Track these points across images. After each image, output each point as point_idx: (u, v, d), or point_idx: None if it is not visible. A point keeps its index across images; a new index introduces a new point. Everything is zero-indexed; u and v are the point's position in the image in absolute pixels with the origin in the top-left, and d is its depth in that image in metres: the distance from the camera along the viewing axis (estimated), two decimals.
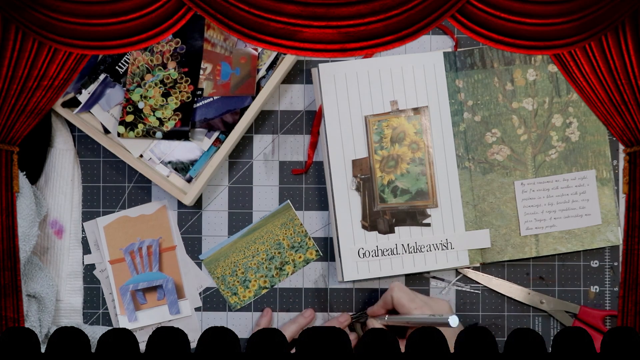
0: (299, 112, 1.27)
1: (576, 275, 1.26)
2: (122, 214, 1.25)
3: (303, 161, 1.27)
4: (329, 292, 1.26)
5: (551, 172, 1.24)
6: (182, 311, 1.26)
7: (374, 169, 1.24)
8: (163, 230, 1.26)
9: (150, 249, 1.25)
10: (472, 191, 1.24)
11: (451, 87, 1.24)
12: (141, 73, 1.22)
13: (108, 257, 1.26)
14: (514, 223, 1.24)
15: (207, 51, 1.23)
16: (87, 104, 1.23)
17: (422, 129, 1.24)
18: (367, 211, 1.23)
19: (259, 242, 1.26)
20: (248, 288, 1.26)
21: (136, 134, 1.22)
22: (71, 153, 1.25)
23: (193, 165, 1.24)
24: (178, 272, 1.26)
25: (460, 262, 1.24)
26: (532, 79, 1.24)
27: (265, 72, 1.23)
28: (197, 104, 1.22)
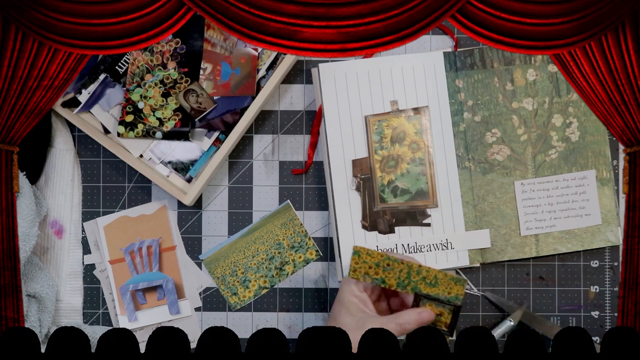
0: (299, 112, 1.27)
1: (576, 275, 1.26)
2: (122, 214, 1.26)
3: (303, 161, 1.27)
4: (329, 292, 1.26)
5: (551, 172, 1.24)
6: (182, 311, 1.26)
7: (374, 169, 1.24)
8: (163, 230, 1.26)
9: (150, 249, 1.25)
10: (472, 191, 1.24)
11: (451, 87, 1.24)
12: (141, 73, 1.22)
13: (108, 257, 1.26)
14: (514, 223, 1.24)
15: (207, 51, 1.23)
16: (87, 104, 1.23)
17: (422, 129, 1.24)
18: (367, 211, 1.23)
19: (259, 242, 1.26)
20: (248, 288, 1.26)
21: (136, 134, 1.22)
22: (71, 153, 1.25)
23: (193, 165, 1.24)
24: (178, 272, 1.26)
25: (460, 262, 1.24)
26: (532, 79, 1.24)
27: (265, 72, 1.23)
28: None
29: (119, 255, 1.26)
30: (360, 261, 1.11)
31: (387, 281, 1.11)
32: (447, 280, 1.10)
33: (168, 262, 1.26)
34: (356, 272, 1.11)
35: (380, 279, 1.11)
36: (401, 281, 1.11)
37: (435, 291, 1.10)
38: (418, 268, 1.10)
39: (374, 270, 1.11)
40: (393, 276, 1.11)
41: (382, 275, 1.11)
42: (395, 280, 1.11)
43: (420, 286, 1.10)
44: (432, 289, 1.10)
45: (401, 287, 1.11)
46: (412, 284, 1.11)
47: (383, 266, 1.10)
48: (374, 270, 1.11)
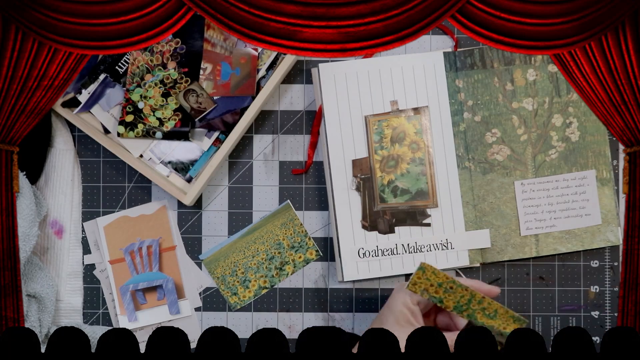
0: (299, 112, 1.27)
1: (576, 275, 1.26)
2: (122, 214, 1.26)
3: (303, 161, 1.27)
4: (329, 292, 1.26)
5: (551, 172, 1.24)
6: (182, 311, 1.26)
7: (374, 169, 1.24)
8: (163, 230, 1.26)
9: (150, 249, 1.25)
10: (472, 191, 1.24)
11: (451, 87, 1.24)
12: (141, 73, 1.22)
13: (108, 257, 1.26)
14: (514, 223, 1.24)
15: (207, 51, 1.23)
16: (87, 104, 1.23)
17: (422, 129, 1.24)
18: (367, 211, 1.23)
19: (259, 242, 1.26)
20: (248, 288, 1.26)
21: (136, 134, 1.22)
22: (71, 153, 1.25)
23: (193, 165, 1.24)
24: (178, 272, 1.26)
25: (460, 262, 1.24)
26: (532, 79, 1.24)
27: (265, 72, 1.23)
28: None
29: (118, 255, 1.26)
30: (423, 277, 1.10)
31: (445, 302, 1.11)
32: (507, 317, 1.10)
33: (168, 262, 1.26)
34: (415, 286, 1.11)
35: (438, 299, 1.11)
36: (459, 305, 1.11)
37: (491, 323, 1.10)
38: (481, 298, 1.10)
39: (435, 289, 1.11)
40: (452, 299, 1.11)
41: (441, 295, 1.11)
42: (453, 303, 1.11)
43: (477, 315, 1.10)
44: (489, 320, 1.10)
45: (457, 310, 1.11)
46: (469, 311, 1.11)
47: (445, 288, 1.10)
48: (434, 289, 1.11)
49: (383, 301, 1.26)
